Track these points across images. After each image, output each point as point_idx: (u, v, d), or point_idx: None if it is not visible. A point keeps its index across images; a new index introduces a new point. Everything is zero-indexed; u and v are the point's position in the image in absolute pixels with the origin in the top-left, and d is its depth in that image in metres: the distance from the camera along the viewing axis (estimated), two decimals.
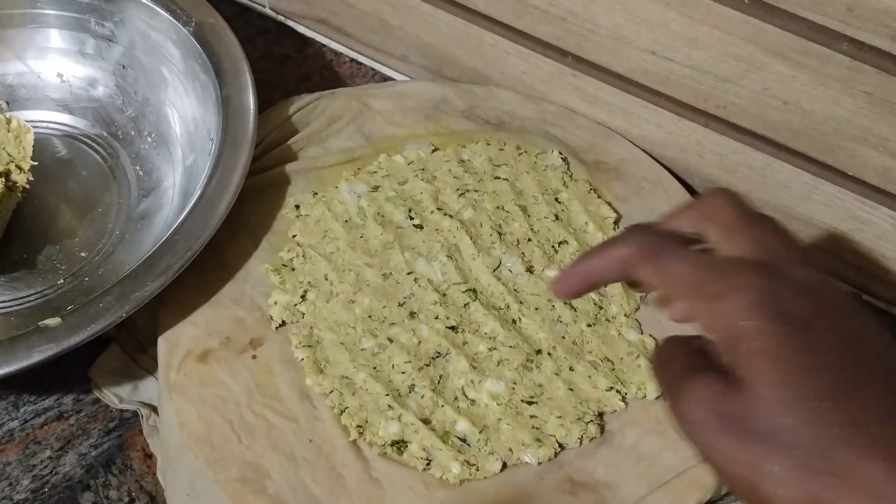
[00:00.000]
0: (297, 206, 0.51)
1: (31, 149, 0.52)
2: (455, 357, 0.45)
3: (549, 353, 0.46)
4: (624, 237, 0.33)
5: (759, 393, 0.27)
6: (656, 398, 0.45)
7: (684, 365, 0.30)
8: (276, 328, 0.46)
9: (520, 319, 0.47)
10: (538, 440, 0.43)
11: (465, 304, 0.47)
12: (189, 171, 0.53)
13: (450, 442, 0.43)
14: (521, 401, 0.44)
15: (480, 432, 0.43)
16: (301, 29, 0.67)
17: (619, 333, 0.47)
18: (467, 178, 0.53)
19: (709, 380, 0.28)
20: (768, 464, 0.27)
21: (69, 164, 0.56)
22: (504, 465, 0.43)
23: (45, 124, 0.58)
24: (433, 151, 0.54)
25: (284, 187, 0.52)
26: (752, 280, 0.28)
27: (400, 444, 0.43)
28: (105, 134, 0.57)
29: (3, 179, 0.50)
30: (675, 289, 0.30)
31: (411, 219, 0.50)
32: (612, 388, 0.45)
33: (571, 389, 0.45)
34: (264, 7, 0.68)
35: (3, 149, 0.51)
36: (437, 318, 0.47)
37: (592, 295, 0.48)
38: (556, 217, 0.51)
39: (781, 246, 0.31)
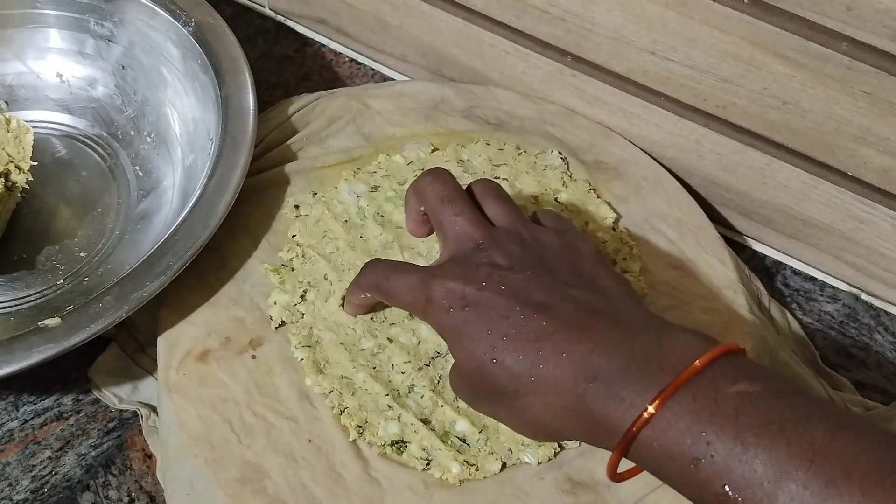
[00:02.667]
0: (297, 206, 0.51)
1: (31, 149, 0.52)
2: None
3: None
4: (359, 277, 0.44)
5: (461, 369, 0.38)
6: None
7: None
8: (276, 328, 0.46)
9: None
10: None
11: None
12: (188, 171, 0.53)
13: (449, 442, 0.43)
14: None
15: (480, 432, 0.43)
16: (300, 29, 0.68)
17: None
18: (467, 178, 0.53)
19: (454, 365, 0.40)
20: (495, 411, 0.38)
21: (69, 165, 0.56)
22: (504, 465, 0.43)
23: (44, 124, 0.58)
24: (433, 151, 0.54)
25: (284, 187, 0.52)
26: (433, 291, 0.38)
27: (399, 444, 0.43)
28: (105, 134, 0.57)
29: (3, 180, 0.50)
30: (403, 307, 0.42)
31: None
32: None
33: None
34: (264, 7, 0.68)
35: (3, 149, 0.51)
36: None
37: None
38: None
39: (468, 230, 0.40)
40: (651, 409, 0.32)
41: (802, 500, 0.29)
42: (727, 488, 0.30)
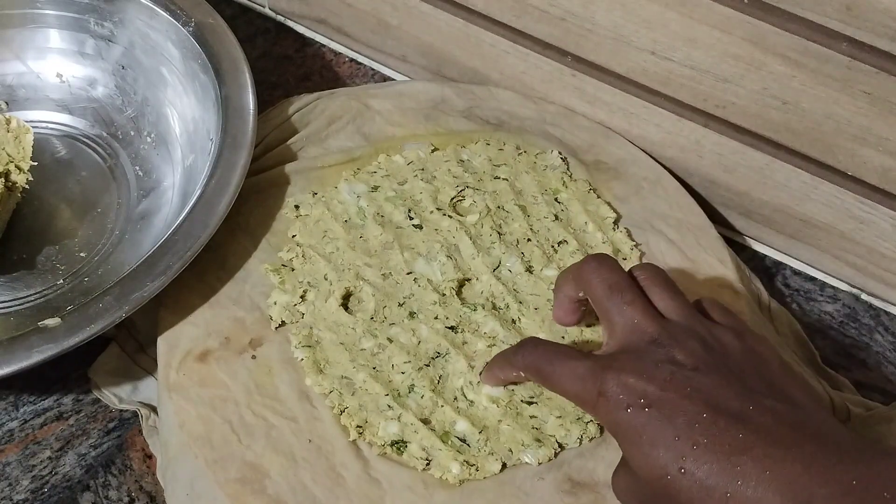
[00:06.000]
0: (297, 206, 0.51)
1: (31, 149, 0.52)
2: (454, 357, 0.45)
3: None
4: (515, 354, 0.41)
5: (637, 474, 0.35)
6: None
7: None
8: (276, 328, 0.46)
9: (519, 319, 0.47)
10: (538, 440, 0.43)
11: (466, 305, 0.47)
12: (188, 171, 0.53)
13: (449, 442, 0.43)
14: (521, 401, 0.44)
15: (480, 432, 0.43)
16: (300, 29, 0.68)
17: None
18: (467, 178, 0.53)
19: (621, 466, 0.38)
20: None
21: (69, 165, 0.56)
22: (504, 466, 0.43)
23: (44, 124, 0.58)
24: (433, 151, 0.54)
25: (284, 187, 0.52)
26: (608, 385, 0.36)
27: (399, 444, 0.43)
28: (105, 134, 0.57)
29: (3, 180, 0.50)
30: (565, 396, 0.38)
31: (411, 219, 0.51)
32: None
33: None
34: (264, 7, 0.68)
35: (3, 149, 0.51)
36: (436, 318, 0.47)
37: None
38: (556, 217, 0.51)
39: (641, 322, 0.38)
40: None
41: None
42: None
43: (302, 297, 0.47)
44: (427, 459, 0.42)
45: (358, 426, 0.43)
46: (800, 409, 0.35)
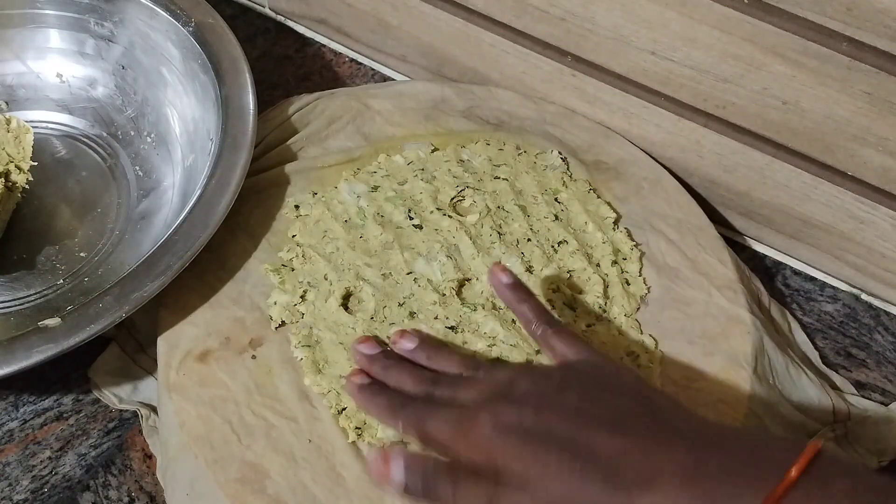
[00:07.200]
0: (297, 206, 0.51)
1: (31, 149, 0.52)
2: None
3: None
4: (401, 411, 0.40)
5: (535, 495, 0.35)
6: None
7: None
8: (276, 328, 0.46)
9: None
10: None
11: (466, 305, 0.47)
12: (188, 171, 0.53)
13: None
14: None
15: None
16: (300, 29, 0.68)
17: (620, 333, 0.47)
18: (467, 178, 0.53)
19: (513, 490, 0.35)
20: None
21: (69, 165, 0.56)
22: None
23: (44, 124, 0.58)
24: (433, 151, 0.54)
25: (284, 187, 0.52)
26: (479, 417, 0.36)
27: (399, 445, 0.43)
28: (105, 134, 0.57)
29: (3, 180, 0.50)
30: (442, 444, 0.38)
31: (411, 219, 0.50)
32: None
33: None
34: (264, 7, 0.68)
35: (3, 149, 0.51)
36: (436, 318, 0.47)
37: (597, 296, 0.48)
38: (556, 217, 0.51)
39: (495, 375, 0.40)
40: None
41: None
42: None
43: (302, 297, 0.47)
44: None
45: (357, 427, 0.43)
46: (655, 407, 0.37)
